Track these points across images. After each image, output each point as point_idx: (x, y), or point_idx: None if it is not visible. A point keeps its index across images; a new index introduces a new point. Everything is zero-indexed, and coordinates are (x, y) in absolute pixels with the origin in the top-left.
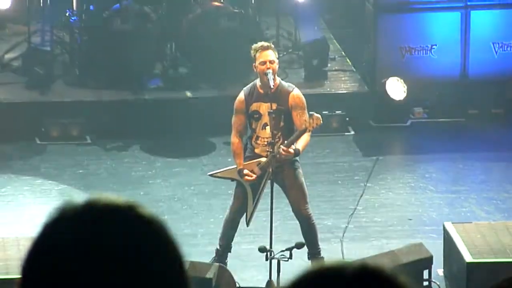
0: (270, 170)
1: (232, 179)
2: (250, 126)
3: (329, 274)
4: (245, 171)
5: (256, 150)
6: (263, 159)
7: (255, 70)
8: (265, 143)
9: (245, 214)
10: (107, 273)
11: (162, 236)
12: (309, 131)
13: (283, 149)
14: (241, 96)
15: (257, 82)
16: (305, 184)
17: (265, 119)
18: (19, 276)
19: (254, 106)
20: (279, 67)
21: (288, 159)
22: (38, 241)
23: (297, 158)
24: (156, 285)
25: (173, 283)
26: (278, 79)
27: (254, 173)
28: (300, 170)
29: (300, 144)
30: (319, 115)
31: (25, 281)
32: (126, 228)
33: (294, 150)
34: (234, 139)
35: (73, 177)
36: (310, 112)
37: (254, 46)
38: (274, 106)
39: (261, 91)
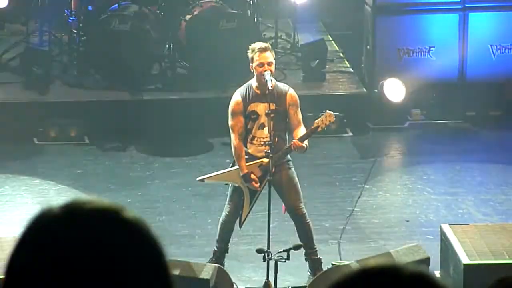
0: (272, 170)
1: (226, 183)
2: (245, 127)
3: (385, 273)
4: (253, 176)
5: (250, 150)
6: (265, 160)
7: (252, 70)
8: (262, 143)
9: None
10: (88, 276)
11: (145, 239)
12: (322, 128)
13: (298, 143)
14: (237, 98)
15: (253, 82)
16: (299, 185)
17: (262, 119)
18: (2, 277)
19: (251, 107)
20: (277, 68)
21: (300, 152)
22: (19, 244)
23: (290, 158)
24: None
25: (156, 285)
26: (274, 80)
27: (255, 174)
28: (293, 170)
29: (306, 142)
30: (331, 112)
31: (7, 283)
32: (107, 231)
33: (305, 145)
34: (236, 142)
35: (71, 178)
36: (326, 110)
37: (251, 46)
38: (272, 106)
39: (258, 91)
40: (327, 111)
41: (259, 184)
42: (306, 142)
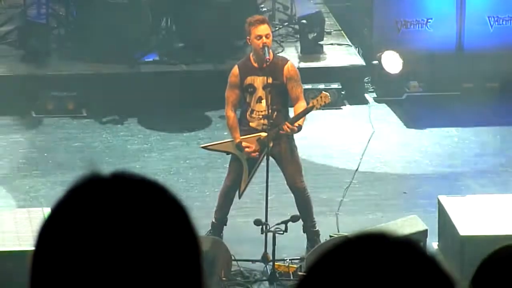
0: (270, 145)
1: (227, 153)
2: (244, 100)
3: (370, 239)
4: (244, 144)
5: (252, 124)
6: (263, 134)
7: (249, 43)
8: (260, 116)
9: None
10: (127, 245)
11: (187, 218)
12: (316, 109)
13: (288, 126)
14: (235, 70)
15: (251, 55)
16: (300, 158)
17: (260, 92)
18: (31, 248)
19: (248, 80)
20: (275, 40)
21: (293, 133)
22: (61, 206)
23: None
24: (172, 262)
25: (189, 262)
26: (272, 53)
27: (253, 147)
28: (295, 143)
29: (300, 120)
30: (327, 93)
31: (40, 249)
32: (151, 202)
33: (297, 126)
34: (229, 113)
35: (69, 150)
36: (323, 91)
37: (248, 19)
38: (270, 80)
39: (255, 64)
40: (323, 92)
41: (252, 150)
42: (300, 121)
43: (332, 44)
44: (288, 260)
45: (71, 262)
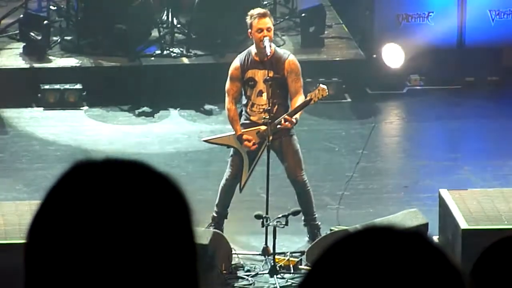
0: (270, 138)
1: (228, 146)
2: (245, 93)
3: (379, 231)
4: (245, 137)
5: (253, 118)
6: (263, 127)
7: (250, 37)
8: (261, 110)
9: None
10: (119, 230)
11: (178, 192)
12: (314, 102)
13: (287, 119)
14: (236, 63)
15: (252, 49)
16: (301, 151)
17: (260, 86)
18: (22, 241)
19: (249, 73)
20: (276, 34)
21: (291, 126)
22: (52, 193)
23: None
24: (167, 238)
25: (184, 236)
26: (273, 46)
27: (253, 140)
28: (295, 137)
29: (297, 115)
30: (325, 87)
31: (33, 239)
32: (143, 185)
33: (295, 119)
34: (230, 105)
35: (70, 143)
36: (319, 84)
37: (250, 12)
38: (271, 73)
39: (257, 58)
40: (320, 85)
41: (252, 143)
42: (297, 115)
43: (333, 37)
44: (288, 254)
45: (63, 250)
